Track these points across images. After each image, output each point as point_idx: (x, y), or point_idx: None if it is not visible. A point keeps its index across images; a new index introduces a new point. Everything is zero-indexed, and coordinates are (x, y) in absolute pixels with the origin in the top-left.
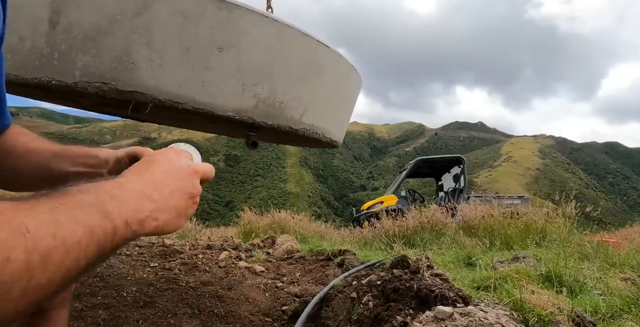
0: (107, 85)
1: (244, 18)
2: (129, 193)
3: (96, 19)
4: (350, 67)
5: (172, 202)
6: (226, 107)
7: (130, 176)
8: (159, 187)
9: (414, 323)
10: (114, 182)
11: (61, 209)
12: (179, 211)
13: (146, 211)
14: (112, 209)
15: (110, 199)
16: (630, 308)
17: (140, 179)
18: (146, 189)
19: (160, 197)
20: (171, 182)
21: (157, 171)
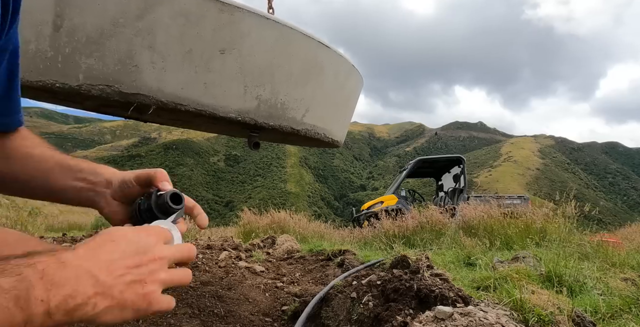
0: (110, 87)
1: (245, 20)
2: (70, 272)
3: (99, 22)
4: (352, 67)
5: (119, 288)
6: (228, 109)
7: (83, 250)
8: (111, 268)
9: (414, 323)
10: (60, 257)
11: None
12: (124, 301)
13: (83, 296)
14: (35, 294)
15: (38, 280)
16: (630, 308)
17: (92, 255)
18: (94, 268)
19: (107, 280)
20: (128, 265)
21: (116, 249)
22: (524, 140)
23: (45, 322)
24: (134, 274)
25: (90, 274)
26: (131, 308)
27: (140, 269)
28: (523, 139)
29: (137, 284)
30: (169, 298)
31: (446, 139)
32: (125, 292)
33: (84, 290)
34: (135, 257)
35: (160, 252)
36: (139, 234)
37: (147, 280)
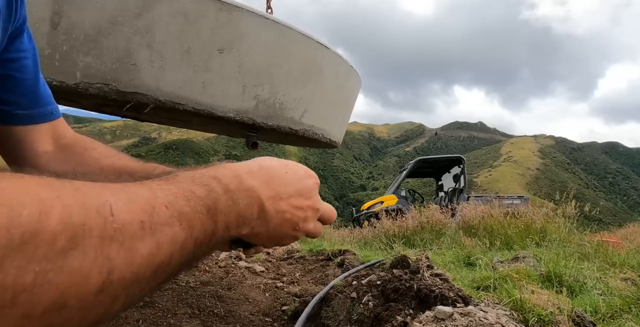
0: (108, 86)
1: (244, 19)
2: (245, 193)
3: (97, 20)
4: (350, 68)
5: (276, 222)
6: (227, 108)
7: (257, 168)
8: (277, 199)
9: (414, 323)
10: (237, 172)
11: (161, 194)
12: (274, 233)
13: (250, 219)
14: (220, 207)
15: (223, 193)
16: (630, 308)
17: (266, 180)
18: (265, 193)
19: (271, 210)
20: (292, 203)
21: (287, 183)
22: (524, 140)
23: (224, 235)
24: (292, 215)
25: (260, 201)
26: (274, 240)
27: (298, 212)
28: (523, 139)
29: (290, 224)
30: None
31: (446, 139)
32: (278, 226)
33: (251, 214)
34: (299, 199)
35: (319, 203)
36: (308, 177)
37: (300, 225)
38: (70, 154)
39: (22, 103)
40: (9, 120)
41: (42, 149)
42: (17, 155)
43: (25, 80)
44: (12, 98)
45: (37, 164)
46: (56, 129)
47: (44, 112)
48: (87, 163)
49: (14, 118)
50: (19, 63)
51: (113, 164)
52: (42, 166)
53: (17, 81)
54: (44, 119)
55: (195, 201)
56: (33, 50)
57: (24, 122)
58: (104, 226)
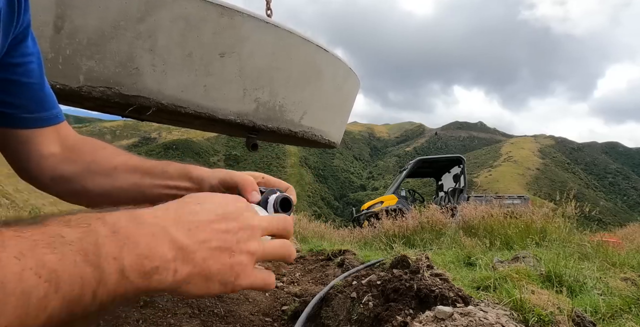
0: (110, 89)
1: (245, 24)
2: (147, 229)
3: (100, 24)
4: (349, 70)
5: (202, 255)
6: (227, 111)
7: (161, 210)
8: (194, 230)
9: (414, 323)
10: (134, 213)
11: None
12: (208, 270)
13: (160, 258)
14: (105, 250)
15: (111, 234)
16: (630, 308)
17: (172, 215)
18: (173, 228)
19: (189, 243)
20: (214, 229)
21: (202, 210)
22: (524, 140)
23: (121, 284)
24: (219, 240)
25: (169, 235)
26: (217, 280)
27: (227, 235)
28: (523, 139)
29: (223, 253)
30: (265, 274)
31: (446, 139)
32: (209, 259)
33: (161, 251)
34: (222, 223)
35: (251, 220)
36: (228, 200)
37: (235, 249)
38: (79, 154)
39: (28, 107)
40: (15, 123)
41: (47, 151)
42: (22, 158)
43: (32, 84)
44: (18, 102)
45: (44, 166)
46: (60, 131)
47: (49, 116)
48: (98, 162)
49: (20, 122)
50: (25, 67)
51: (125, 162)
52: (49, 168)
53: (24, 85)
54: (49, 123)
55: (63, 246)
56: (38, 54)
57: (29, 126)
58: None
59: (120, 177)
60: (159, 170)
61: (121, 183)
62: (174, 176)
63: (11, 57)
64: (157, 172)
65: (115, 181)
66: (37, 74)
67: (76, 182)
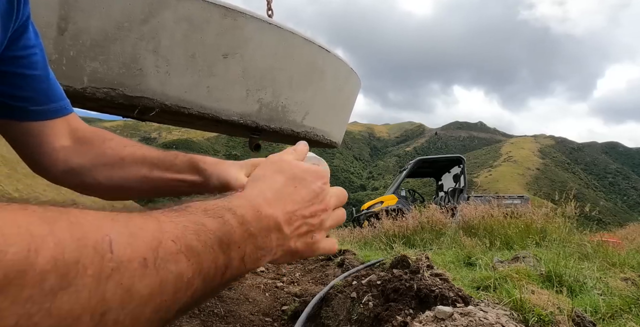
0: (114, 90)
1: (248, 25)
2: (264, 223)
3: (104, 25)
4: (350, 70)
5: (295, 240)
6: (231, 112)
7: (272, 194)
8: (293, 219)
9: (414, 323)
10: (256, 203)
11: (169, 227)
12: (295, 250)
13: (268, 247)
14: (234, 240)
15: (238, 225)
16: (630, 308)
17: (281, 203)
18: (281, 219)
19: (288, 232)
20: (305, 214)
21: (298, 196)
22: (524, 140)
23: (240, 269)
24: (308, 225)
25: (278, 227)
26: (298, 255)
27: (313, 219)
28: (523, 139)
29: (308, 235)
30: (331, 242)
31: (446, 139)
32: (298, 242)
33: (270, 242)
34: (311, 208)
35: (330, 200)
36: (315, 181)
37: (317, 229)
38: (88, 147)
39: (35, 99)
40: (24, 116)
41: (59, 144)
42: (34, 151)
43: (37, 76)
44: (25, 94)
45: (56, 159)
46: (70, 123)
47: (57, 107)
48: (106, 154)
49: (29, 114)
50: (29, 60)
51: (133, 153)
52: (61, 161)
53: (29, 78)
54: (58, 114)
55: (206, 234)
56: (41, 46)
57: (39, 118)
58: (100, 264)
59: (129, 169)
60: (168, 162)
61: (131, 176)
62: (183, 169)
63: (13, 50)
64: (166, 164)
65: (125, 173)
66: (41, 66)
67: (87, 175)
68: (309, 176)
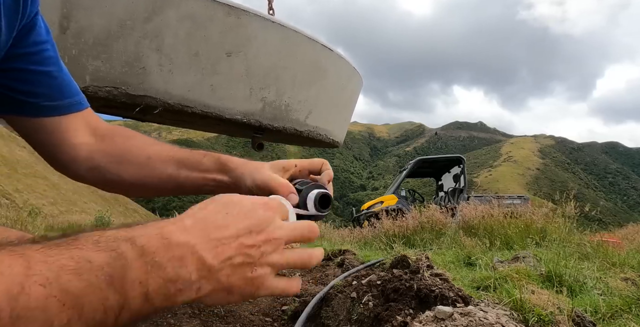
0: (117, 89)
1: (252, 23)
2: (175, 251)
3: (106, 24)
4: (353, 69)
5: (226, 272)
6: (234, 111)
7: (191, 222)
8: (221, 247)
9: (414, 323)
10: (164, 231)
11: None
12: (230, 285)
13: (186, 281)
14: (132, 275)
15: (136, 258)
16: (631, 308)
17: (201, 231)
18: (201, 247)
19: (214, 263)
20: (239, 245)
21: (230, 222)
22: (524, 140)
23: (144, 308)
24: (244, 256)
25: (197, 255)
26: (237, 292)
27: (251, 250)
28: (523, 139)
29: (245, 268)
30: (284, 283)
31: (446, 139)
32: (232, 276)
33: (187, 274)
34: (248, 237)
35: (276, 231)
36: (256, 208)
37: (257, 263)
38: (111, 145)
39: (49, 95)
40: (37, 112)
41: (78, 141)
42: (52, 148)
43: (49, 72)
44: (38, 91)
45: (76, 156)
46: (88, 119)
47: (72, 103)
48: (132, 152)
49: (42, 110)
50: (40, 56)
51: (159, 152)
52: (82, 158)
53: (41, 74)
54: (72, 109)
55: (90, 272)
56: (52, 42)
57: (53, 114)
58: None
59: (156, 167)
60: (195, 161)
61: (157, 174)
62: (211, 168)
63: (23, 47)
64: (193, 163)
65: (152, 171)
66: (53, 61)
67: (112, 173)
68: (249, 202)
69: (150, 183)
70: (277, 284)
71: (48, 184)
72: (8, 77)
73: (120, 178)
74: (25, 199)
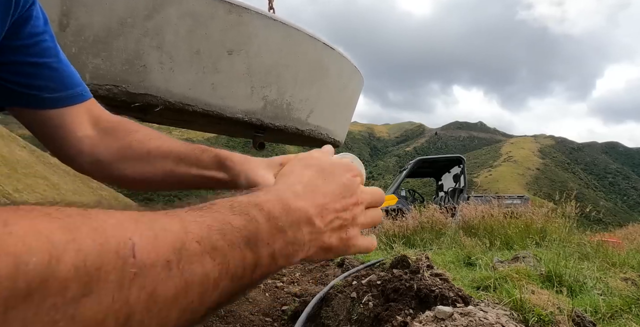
0: (117, 87)
1: (253, 21)
2: (292, 216)
3: (107, 21)
4: (354, 68)
5: (328, 235)
6: (235, 109)
7: (301, 188)
8: (324, 212)
9: (414, 323)
10: (284, 197)
11: (193, 227)
12: (330, 245)
13: (300, 242)
14: (262, 237)
15: (265, 222)
16: (631, 308)
17: (310, 197)
18: (312, 213)
19: (321, 226)
20: (337, 208)
21: (328, 190)
22: (524, 140)
23: (271, 266)
24: (341, 219)
25: (309, 220)
26: (333, 251)
27: (345, 213)
28: (523, 139)
29: (341, 229)
30: (368, 241)
31: (446, 139)
32: (332, 237)
33: (301, 237)
34: (343, 201)
35: (362, 195)
36: (346, 174)
37: (350, 224)
38: (113, 138)
39: (50, 87)
40: (40, 104)
41: (82, 133)
42: (57, 141)
43: (49, 63)
44: (39, 83)
45: (81, 149)
46: (91, 110)
47: (73, 94)
48: (132, 147)
49: (45, 102)
50: (39, 47)
51: (159, 147)
52: (86, 151)
53: (41, 66)
54: (75, 101)
55: (232, 233)
56: (51, 33)
57: (56, 106)
58: (123, 269)
59: (155, 163)
60: (194, 157)
61: (157, 170)
62: (209, 166)
63: (20, 39)
64: (192, 159)
65: (152, 167)
66: (52, 53)
67: (113, 167)
68: (337, 168)
69: (151, 178)
70: (363, 242)
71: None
72: (6, 70)
73: (121, 173)
74: (25, 199)
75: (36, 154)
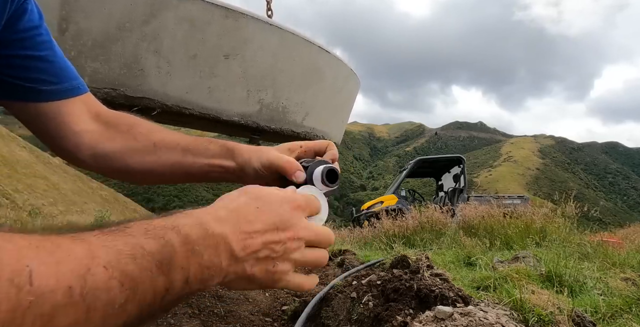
0: (115, 91)
1: (249, 26)
2: (212, 240)
3: (105, 26)
4: (350, 71)
5: (251, 263)
6: (232, 112)
7: (225, 213)
8: (249, 241)
9: (414, 323)
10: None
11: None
12: (252, 276)
13: (217, 267)
14: (176, 261)
15: (180, 245)
16: (631, 308)
17: (234, 223)
18: (233, 240)
19: (242, 255)
20: (265, 240)
21: (260, 217)
22: (524, 140)
23: (184, 290)
24: (267, 251)
25: (229, 246)
26: (257, 282)
27: (275, 247)
28: (523, 139)
29: (267, 261)
30: (304, 279)
31: (446, 139)
32: (254, 267)
33: (219, 262)
34: (274, 234)
35: (302, 231)
36: (284, 205)
37: (279, 258)
38: (115, 132)
39: (46, 79)
40: (37, 97)
41: (80, 128)
42: (55, 136)
43: (44, 56)
44: (34, 76)
45: (80, 143)
46: (89, 105)
47: (69, 87)
48: (137, 139)
49: (41, 94)
50: (34, 40)
51: (164, 138)
52: (86, 145)
53: (37, 59)
54: (71, 94)
55: (143, 258)
56: (45, 26)
57: (52, 98)
58: (17, 297)
59: (162, 154)
60: (202, 147)
61: (164, 161)
62: (217, 154)
63: (15, 33)
64: (200, 149)
65: (158, 159)
66: (48, 46)
67: (118, 160)
68: (277, 199)
69: (157, 170)
70: (296, 279)
71: (48, 184)
72: (2, 63)
73: (127, 166)
74: (25, 199)
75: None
